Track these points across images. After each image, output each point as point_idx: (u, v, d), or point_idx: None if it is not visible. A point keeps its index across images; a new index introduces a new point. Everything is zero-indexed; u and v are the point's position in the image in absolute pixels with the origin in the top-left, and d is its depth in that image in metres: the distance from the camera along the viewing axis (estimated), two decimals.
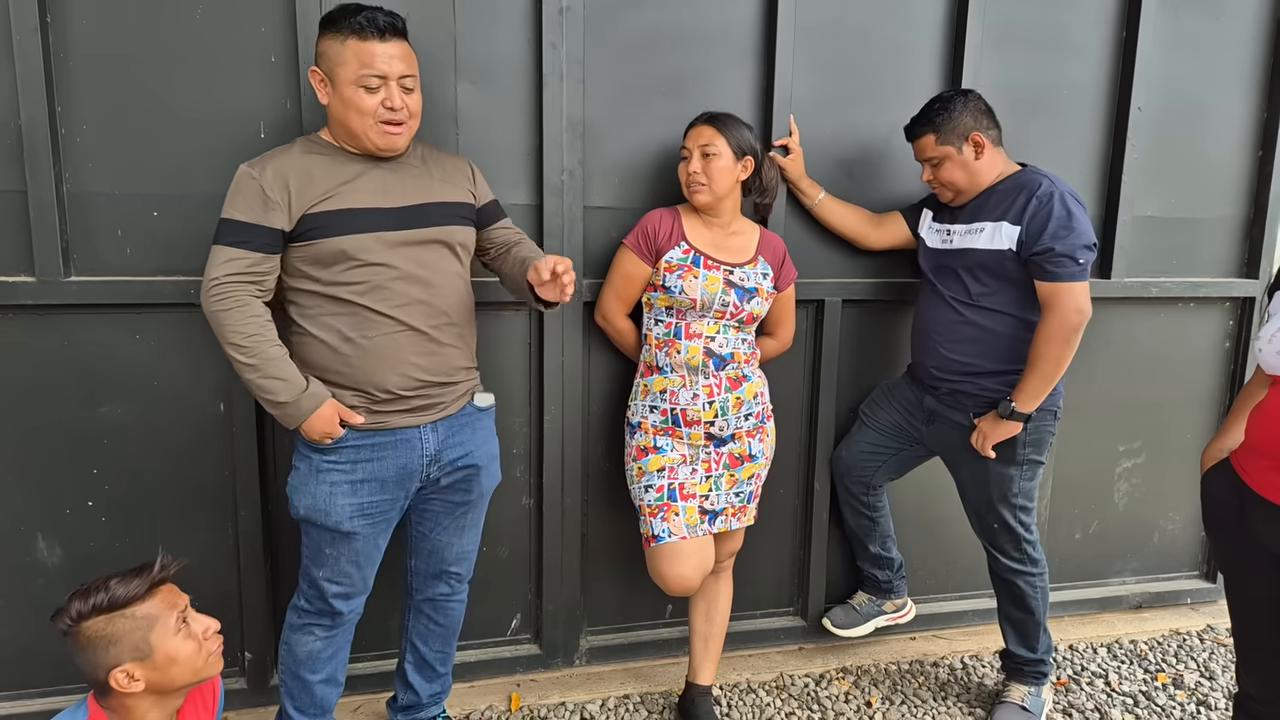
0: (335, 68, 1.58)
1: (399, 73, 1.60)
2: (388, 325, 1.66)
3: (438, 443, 1.75)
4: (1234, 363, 2.76)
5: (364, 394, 1.67)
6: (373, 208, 1.64)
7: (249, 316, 1.58)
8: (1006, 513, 2.11)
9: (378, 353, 1.65)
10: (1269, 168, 2.62)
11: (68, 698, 2.04)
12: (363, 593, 1.80)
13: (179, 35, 1.86)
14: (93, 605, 1.32)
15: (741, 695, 2.31)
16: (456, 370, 1.76)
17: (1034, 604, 2.17)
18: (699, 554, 1.96)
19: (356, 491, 1.69)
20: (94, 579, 1.36)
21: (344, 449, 1.68)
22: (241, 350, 1.57)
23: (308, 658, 1.80)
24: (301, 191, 1.60)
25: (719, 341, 1.97)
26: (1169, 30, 2.47)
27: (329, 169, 1.64)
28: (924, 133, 2.02)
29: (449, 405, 1.76)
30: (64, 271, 1.87)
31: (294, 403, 1.59)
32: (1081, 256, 1.90)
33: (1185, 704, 2.35)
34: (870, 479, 2.33)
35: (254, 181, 1.58)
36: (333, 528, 1.69)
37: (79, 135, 1.85)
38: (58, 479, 1.96)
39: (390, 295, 1.65)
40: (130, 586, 1.34)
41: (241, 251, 1.58)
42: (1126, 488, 2.77)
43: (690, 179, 1.95)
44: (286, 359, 1.61)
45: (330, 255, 1.61)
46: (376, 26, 1.56)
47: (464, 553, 1.92)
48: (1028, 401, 1.96)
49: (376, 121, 1.60)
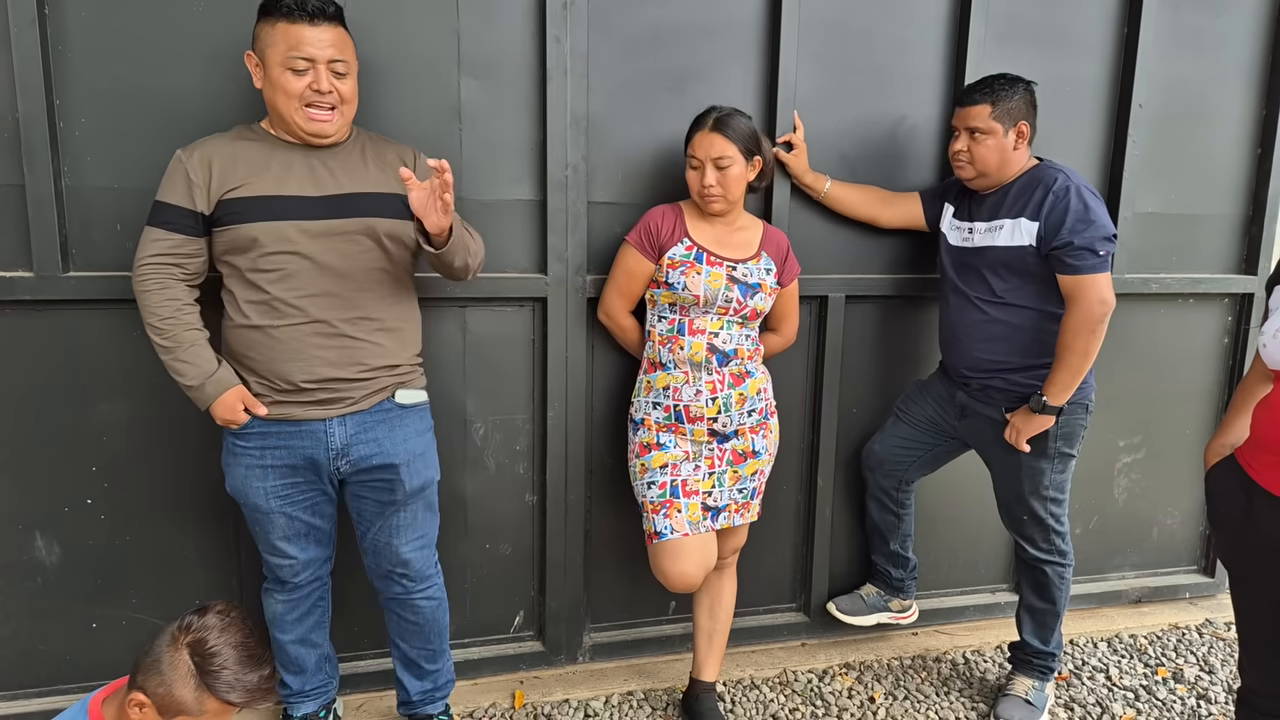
0: (265, 50, 1.60)
1: (328, 57, 1.60)
2: (294, 315, 1.66)
3: (345, 437, 1.74)
4: (1233, 358, 2.77)
5: (268, 383, 1.69)
6: (291, 195, 1.64)
7: (166, 299, 1.63)
8: (1038, 505, 2.12)
9: (283, 342, 1.66)
10: (1268, 165, 2.63)
11: (67, 698, 2.02)
12: (307, 565, 1.83)
13: (178, 28, 1.84)
14: (200, 639, 1.34)
15: (745, 691, 2.31)
16: (371, 366, 1.73)
17: (1056, 595, 2.18)
18: (701, 550, 1.96)
19: (267, 475, 1.73)
20: (249, 631, 1.38)
21: (251, 434, 1.72)
22: (156, 331, 1.64)
23: (274, 619, 1.89)
24: (223, 176, 1.62)
25: (722, 338, 1.96)
26: (1170, 27, 2.48)
27: (256, 155, 1.65)
28: (983, 101, 1.99)
29: (359, 401, 1.74)
30: (62, 267, 1.85)
31: (199, 386, 1.65)
32: (1101, 248, 1.91)
33: (1185, 698, 2.36)
34: (904, 474, 2.34)
35: (181, 165, 1.63)
36: (252, 507, 1.76)
37: (77, 129, 1.83)
38: (56, 476, 1.94)
39: (299, 285, 1.65)
40: (244, 673, 1.35)
41: (165, 233, 1.62)
42: (1126, 483, 2.78)
43: (706, 191, 1.92)
44: (200, 343, 1.66)
45: (244, 242, 1.63)
46: (306, 11, 1.57)
47: (405, 556, 1.85)
48: (1058, 394, 1.97)
49: (301, 105, 1.61)
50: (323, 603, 1.93)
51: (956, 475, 2.52)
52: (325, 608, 1.94)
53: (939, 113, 2.37)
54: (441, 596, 1.96)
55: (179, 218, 1.62)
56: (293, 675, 1.94)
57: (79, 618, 2.02)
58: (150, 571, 2.04)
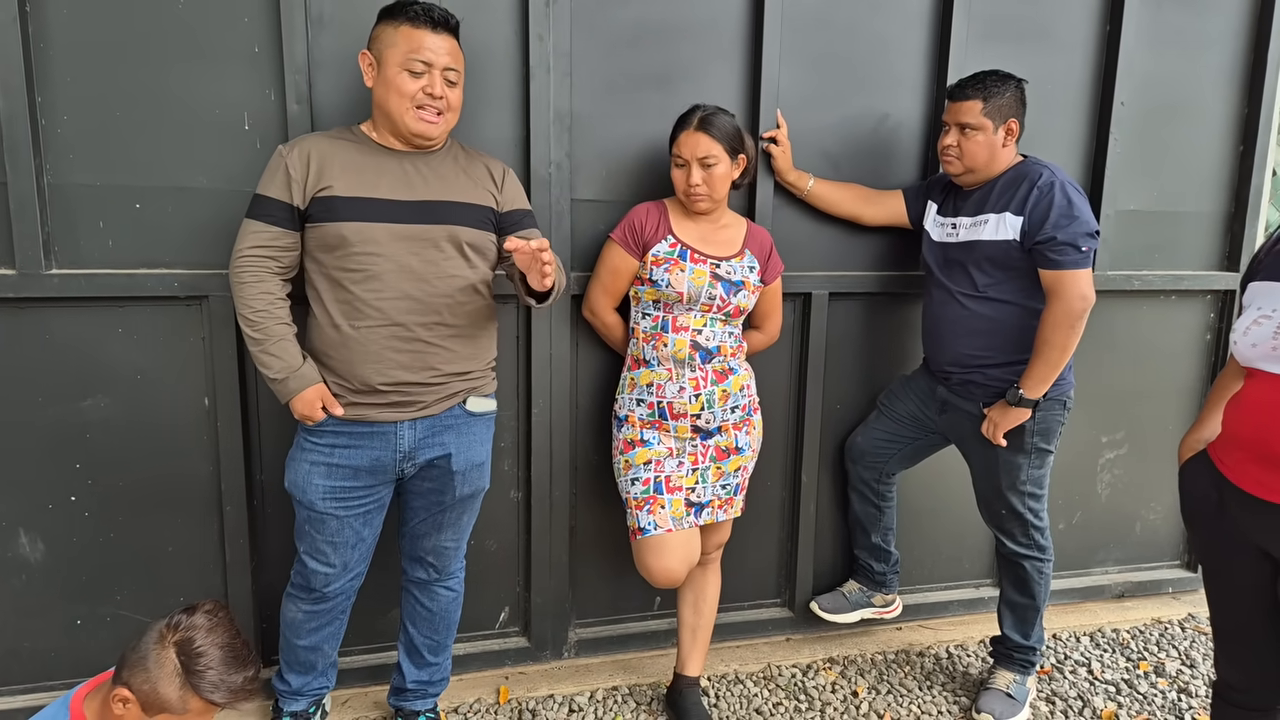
0: (384, 50, 1.65)
1: (445, 64, 1.67)
2: (375, 317, 1.68)
3: (414, 440, 1.77)
4: (1215, 355, 2.79)
5: (345, 383, 1.72)
6: (382, 198, 1.68)
7: (261, 292, 1.66)
8: (1015, 500, 2.14)
9: (361, 343, 1.69)
10: (1250, 162, 2.65)
11: (51, 695, 2.03)
12: (341, 575, 1.83)
13: (161, 25, 1.84)
14: (187, 638, 1.35)
15: (729, 686, 2.33)
16: (443, 372, 1.76)
17: (1036, 589, 2.20)
18: (684, 547, 1.97)
19: (331, 474, 1.75)
20: (235, 632, 1.39)
21: (324, 432, 1.74)
22: (249, 324, 1.67)
23: (292, 623, 1.90)
24: (320, 173, 1.67)
25: (706, 335, 1.97)
26: (1151, 25, 2.49)
27: (352, 156, 1.69)
28: (975, 97, 2.01)
29: (430, 405, 1.77)
30: (45, 264, 1.85)
31: (284, 380, 1.67)
32: (1084, 244, 1.93)
33: (1167, 692, 2.39)
34: (884, 466, 2.36)
35: (281, 159, 1.67)
36: (308, 505, 1.77)
37: (59, 126, 1.83)
38: (40, 474, 1.95)
39: (382, 287, 1.68)
40: (228, 674, 1.35)
41: (263, 225, 1.66)
42: (1109, 478, 2.80)
43: (691, 191, 1.93)
44: (289, 338, 1.69)
45: (333, 239, 1.66)
46: (430, 17, 1.65)
47: (441, 548, 1.92)
48: (1035, 387, 1.99)
49: (413, 106, 1.66)
50: (343, 616, 1.93)
51: (940, 471, 2.54)
52: (344, 621, 1.94)
53: (922, 110, 2.38)
54: (460, 590, 2.00)
55: (276, 210, 1.66)
56: (296, 675, 1.95)
57: (63, 615, 2.03)
58: (134, 569, 2.05)
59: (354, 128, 1.76)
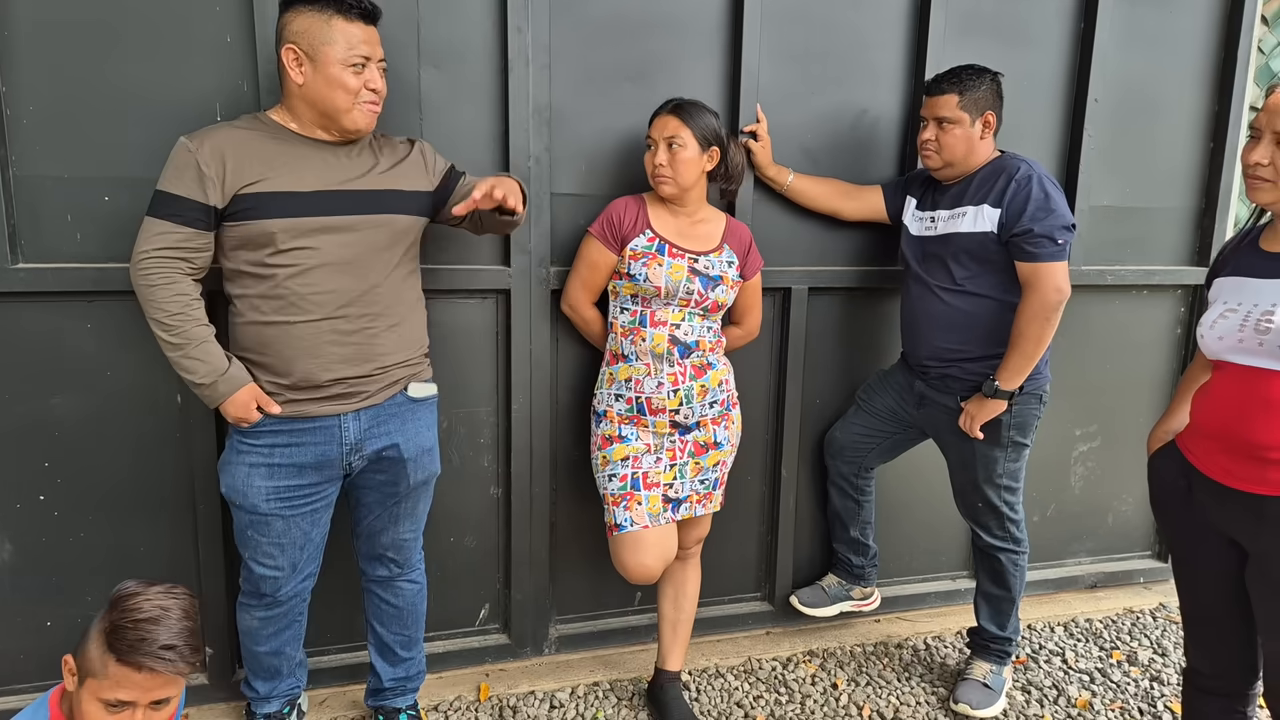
0: (320, 46, 1.58)
1: (379, 56, 1.65)
2: (311, 311, 1.64)
3: (359, 432, 1.73)
4: (1185, 348, 2.84)
5: (282, 380, 1.66)
6: (308, 191, 1.62)
7: (175, 294, 1.58)
8: (992, 493, 2.16)
9: (299, 338, 1.64)
10: (1220, 159, 2.69)
11: (21, 698, 1.99)
12: (291, 578, 1.79)
13: (131, 15, 1.80)
14: (129, 597, 1.28)
15: (710, 680, 2.33)
16: (383, 362, 1.73)
17: (1012, 581, 2.22)
18: (661, 543, 1.97)
19: (273, 475, 1.70)
20: (185, 613, 1.30)
21: (262, 433, 1.68)
22: (164, 328, 1.58)
23: (249, 631, 1.86)
24: (238, 169, 1.58)
25: (684, 329, 1.97)
26: (1125, 23, 2.52)
27: (270, 149, 1.62)
28: (950, 91, 2.02)
29: (374, 394, 1.74)
30: (11, 258, 1.81)
31: (211, 385, 1.60)
32: (1060, 237, 1.95)
33: (1139, 680, 2.43)
34: (863, 460, 2.37)
35: (190, 155, 1.57)
36: (249, 509, 1.71)
37: (25, 117, 1.79)
38: (7, 472, 1.90)
39: (315, 281, 1.63)
40: (148, 630, 1.24)
41: (173, 225, 1.57)
42: (1083, 471, 2.84)
43: (656, 171, 1.94)
44: (210, 340, 1.62)
45: (260, 237, 1.60)
46: (362, 9, 1.60)
47: (400, 541, 1.89)
48: (1010, 379, 2.01)
49: (360, 102, 1.62)
50: (300, 618, 1.89)
51: (918, 464, 2.56)
52: (302, 622, 1.91)
53: (900, 105, 2.39)
54: (423, 582, 1.98)
55: (188, 210, 1.56)
56: (263, 681, 1.92)
57: (32, 616, 1.99)
58: (105, 569, 2.01)
59: (260, 115, 1.66)
